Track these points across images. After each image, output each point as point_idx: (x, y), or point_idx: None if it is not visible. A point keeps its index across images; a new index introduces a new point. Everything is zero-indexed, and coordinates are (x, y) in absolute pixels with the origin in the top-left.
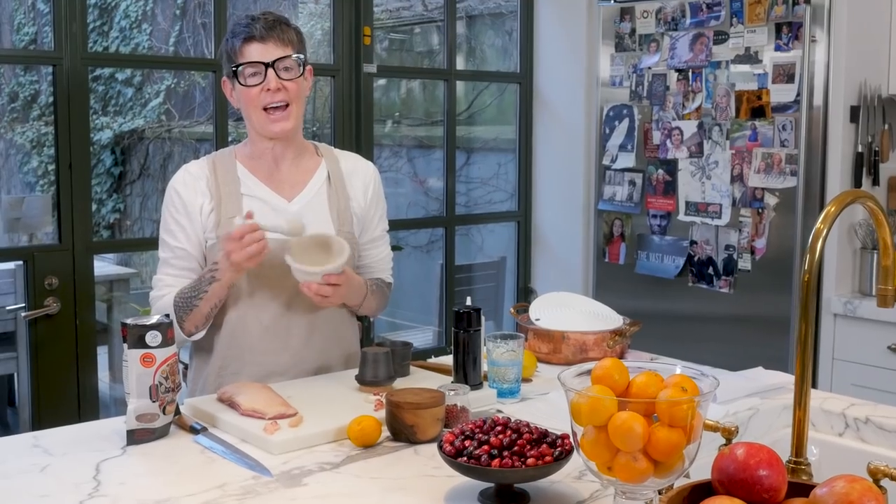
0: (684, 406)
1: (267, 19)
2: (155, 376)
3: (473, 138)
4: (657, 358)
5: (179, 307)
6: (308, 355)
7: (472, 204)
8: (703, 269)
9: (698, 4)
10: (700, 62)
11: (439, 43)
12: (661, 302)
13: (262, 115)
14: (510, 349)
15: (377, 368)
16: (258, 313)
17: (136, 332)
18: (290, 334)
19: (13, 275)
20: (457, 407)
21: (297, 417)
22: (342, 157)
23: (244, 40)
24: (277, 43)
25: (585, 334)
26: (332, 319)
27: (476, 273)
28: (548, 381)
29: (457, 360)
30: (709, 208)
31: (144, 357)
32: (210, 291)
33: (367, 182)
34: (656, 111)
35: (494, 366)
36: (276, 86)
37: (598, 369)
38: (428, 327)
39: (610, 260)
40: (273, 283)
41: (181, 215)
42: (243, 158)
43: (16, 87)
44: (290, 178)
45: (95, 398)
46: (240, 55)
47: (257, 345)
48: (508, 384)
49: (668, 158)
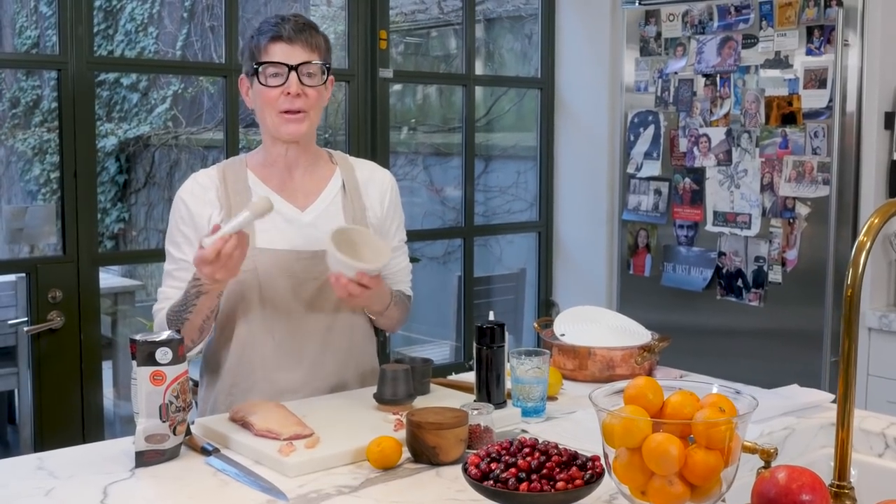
0: (722, 427)
1: (297, 21)
2: (165, 395)
3: (492, 145)
4: (686, 375)
5: (171, 321)
6: (322, 371)
7: (491, 213)
8: (732, 282)
9: (726, 7)
10: (728, 67)
11: (457, 47)
12: (688, 316)
13: (277, 117)
14: (535, 366)
15: (396, 386)
16: (270, 327)
17: (146, 348)
18: (303, 349)
19: (14, 287)
20: (480, 427)
21: (314, 438)
22: (358, 166)
23: (271, 38)
24: (305, 47)
25: (612, 350)
26: (348, 333)
27: (495, 285)
28: (574, 400)
29: (479, 378)
30: (738, 218)
31: (154, 375)
32: (199, 304)
33: (384, 191)
34: (683, 118)
35: (519, 383)
36: (296, 90)
37: (632, 388)
38: (444, 342)
39: (635, 272)
40: (286, 294)
41: (187, 226)
42: (255, 166)
43: (17, 92)
44: (304, 187)
45: (100, 416)
46: (264, 53)
47: (269, 360)
48: (533, 403)
49: (696, 167)
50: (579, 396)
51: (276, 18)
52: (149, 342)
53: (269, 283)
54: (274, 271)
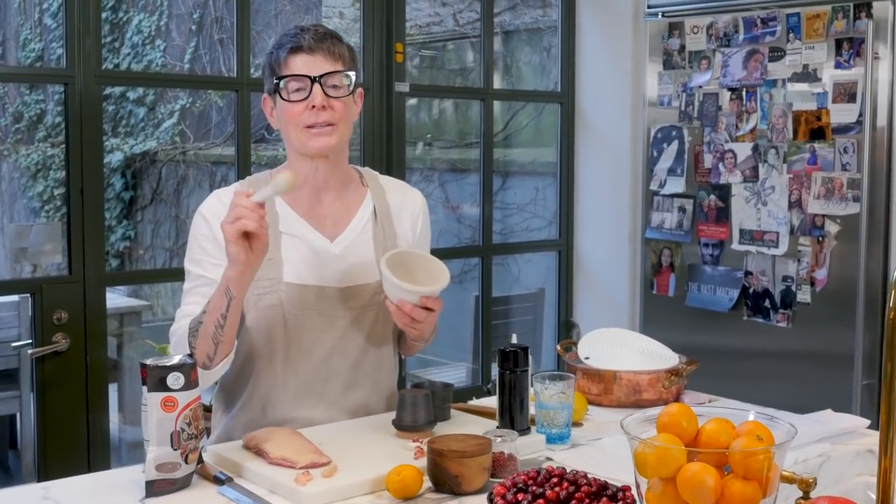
0: (760, 457)
1: (317, 31)
2: (177, 422)
3: (509, 161)
4: (715, 399)
5: (192, 331)
6: (344, 409)
7: (508, 231)
8: (759, 302)
9: (752, 19)
10: (754, 80)
11: (473, 60)
12: (714, 337)
13: (304, 133)
14: (560, 391)
15: (416, 412)
16: (293, 366)
17: (157, 373)
18: (326, 388)
19: (17, 307)
20: (504, 454)
21: (331, 467)
22: (389, 189)
23: (290, 51)
24: (327, 56)
25: (639, 374)
26: (374, 371)
27: (512, 306)
28: (599, 426)
29: (502, 403)
30: (765, 237)
31: (165, 401)
32: (212, 302)
33: (416, 216)
34: (708, 133)
35: (543, 409)
36: (321, 103)
37: (665, 416)
38: (460, 364)
39: (658, 292)
40: (312, 332)
41: (209, 243)
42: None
43: (21, 106)
44: (333, 214)
45: (107, 443)
46: (284, 67)
47: (290, 401)
48: (558, 429)
49: (721, 183)
50: (605, 422)
51: (295, 29)
52: (160, 367)
53: (294, 320)
54: (300, 307)
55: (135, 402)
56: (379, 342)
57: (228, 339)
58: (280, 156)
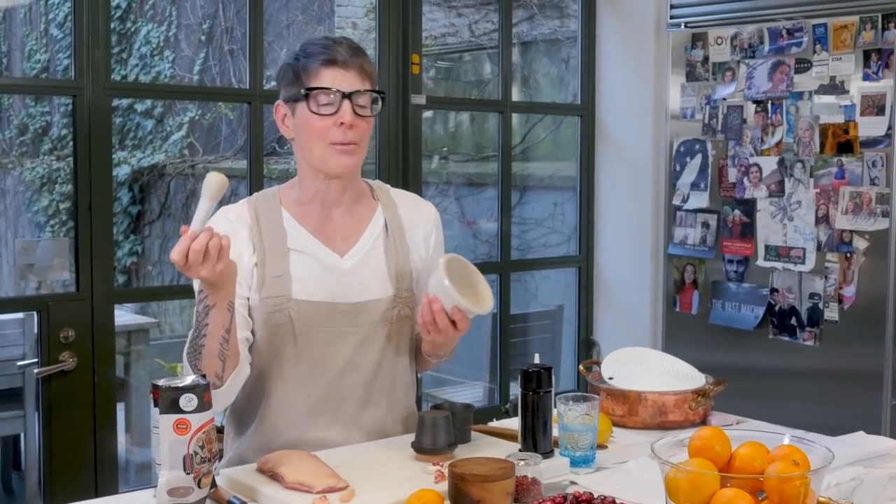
0: (797, 482)
1: (350, 45)
2: (189, 445)
3: (527, 175)
4: (743, 420)
5: (190, 356)
6: (360, 430)
7: (526, 247)
8: (786, 320)
9: (778, 30)
10: (780, 93)
11: (490, 72)
12: (739, 356)
13: (328, 149)
14: (584, 412)
15: (436, 434)
16: (305, 384)
17: (169, 395)
18: (340, 408)
19: (21, 325)
20: (528, 479)
21: (349, 491)
22: (400, 202)
23: (324, 62)
24: (359, 73)
25: (664, 395)
26: (389, 390)
27: (530, 323)
28: (625, 448)
29: (525, 425)
30: (791, 253)
31: (178, 423)
32: (210, 323)
33: (429, 230)
34: (732, 146)
35: (566, 431)
36: (350, 121)
37: (697, 440)
38: (476, 383)
39: (681, 309)
40: (323, 349)
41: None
42: (290, 204)
43: (25, 118)
44: (343, 229)
45: (115, 464)
46: (314, 78)
47: (302, 420)
48: (582, 452)
49: (746, 198)
50: (630, 445)
51: (327, 41)
52: (172, 388)
53: (305, 338)
54: (311, 324)
55: (143, 423)
56: (393, 359)
57: (233, 350)
58: (292, 169)
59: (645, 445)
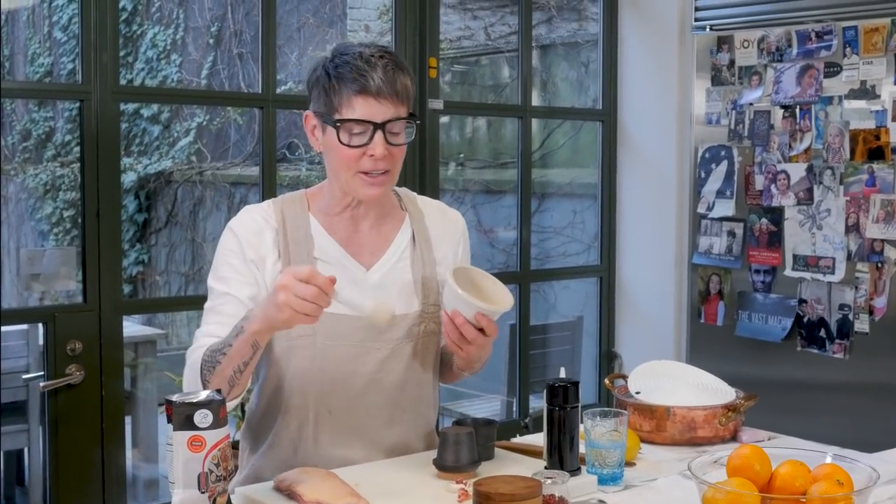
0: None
1: (386, 67)
2: (204, 463)
3: (546, 182)
4: (775, 436)
5: (206, 363)
6: (385, 447)
7: (544, 256)
8: (814, 332)
9: (807, 33)
10: (809, 97)
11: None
12: (766, 369)
13: (356, 178)
14: (612, 428)
15: (459, 451)
16: (327, 400)
17: (183, 411)
18: (363, 426)
19: (25, 336)
20: (555, 497)
21: None
22: (427, 212)
23: (357, 92)
24: (394, 101)
25: (693, 410)
26: (414, 408)
27: (549, 335)
28: (653, 465)
29: (551, 441)
30: (820, 262)
31: (192, 440)
32: (234, 347)
33: (457, 240)
34: (759, 152)
35: (594, 447)
36: (382, 153)
37: (736, 458)
38: (494, 396)
39: (706, 321)
40: (347, 364)
41: (237, 259)
42: (318, 212)
43: (28, 124)
44: (371, 242)
45: (123, 480)
46: (346, 107)
47: (324, 438)
48: (610, 469)
49: (773, 206)
50: (659, 461)
51: (360, 60)
52: (187, 404)
53: (327, 352)
54: (334, 338)
55: (150, 437)
56: (419, 377)
57: (244, 382)
58: (303, 176)
59: (674, 462)
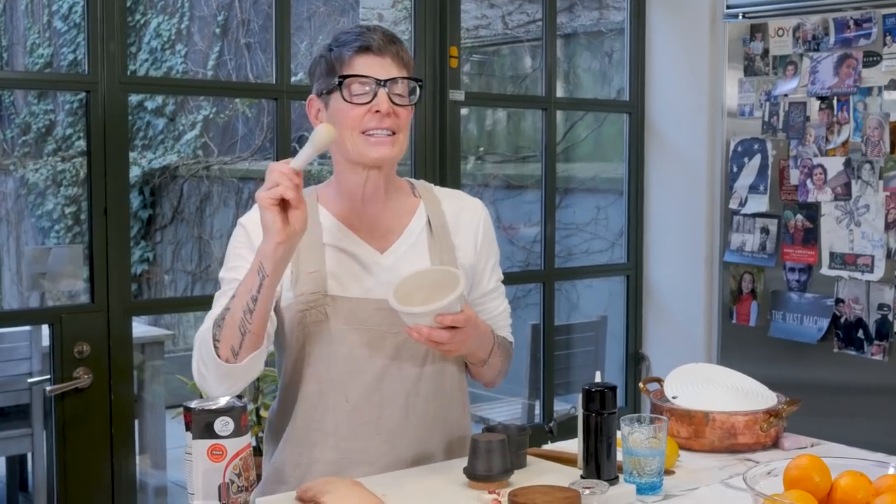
0: None
1: (385, 32)
2: (225, 473)
3: (568, 177)
4: (818, 443)
5: (216, 323)
6: (403, 441)
7: (566, 254)
8: (852, 333)
9: (845, 20)
10: (847, 88)
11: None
12: (801, 371)
13: (360, 138)
14: (651, 435)
15: (491, 460)
16: (343, 388)
17: (203, 418)
18: (381, 416)
19: (28, 337)
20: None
21: None
22: (444, 197)
23: (357, 50)
24: (395, 60)
25: (734, 415)
26: (434, 397)
27: (572, 335)
28: (693, 473)
29: (587, 449)
30: (858, 260)
31: (213, 449)
32: (242, 284)
33: (476, 226)
34: (794, 146)
35: (631, 455)
36: (386, 109)
37: (794, 469)
38: (515, 399)
39: (738, 321)
40: (361, 350)
41: (246, 249)
42: (327, 200)
43: (28, 117)
44: (383, 225)
45: (132, 487)
46: (347, 66)
47: (342, 427)
48: (648, 478)
49: (809, 201)
50: (699, 469)
51: (360, 28)
52: (206, 410)
53: (341, 337)
54: (348, 323)
55: (159, 442)
56: (438, 366)
57: (257, 328)
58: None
59: (714, 470)
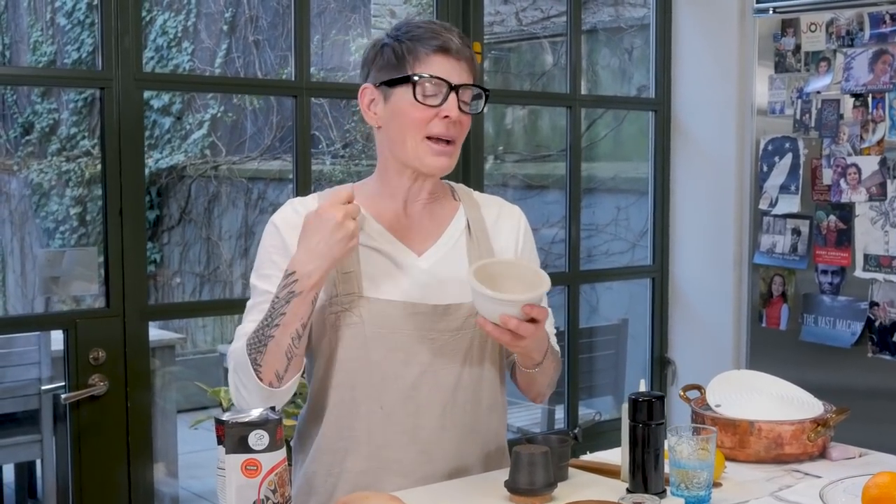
0: None
1: (461, 35)
2: (260, 489)
3: (588, 177)
4: (867, 453)
5: (252, 347)
6: (440, 452)
7: (586, 255)
8: (887, 337)
9: (880, 15)
10: (882, 85)
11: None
12: (834, 376)
13: (423, 144)
14: (699, 446)
15: (534, 473)
16: (378, 395)
17: (237, 431)
18: (417, 424)
19: (37, 342)
20: None
21: None
22: (483, 202)
23: (436, 49)
24: (469, 66)
25: (780, 424)
26: (472, 406)
27: (594, 339)
28: (741, 486)
29: (633, 461)
30: (893, 263)
31: (247, 465)
32: (289, 313)
33: (517, 231)
34: (827, 145)
35: (679, 468)
36: (456, 115)
37: (873, 488)
38: (534, 405)
39: (768, 325)
40: (397, 354)
41: (280, 256)
42: (363, 198)
43: (31, 116)
44: (422, 228)
45: (151, 499)
46: (424, 64)
47: (376, 435)
48: (697, 491)
49: (842, 202)
50: (746, 481)
51: (435, 25)
52: (240, 424)
53: (376, 341)
54: (383, 325)
55: (172, 450)
56: (477, 372)
57: (302, 351)
58: (327, 170)
59: (762, 482)
